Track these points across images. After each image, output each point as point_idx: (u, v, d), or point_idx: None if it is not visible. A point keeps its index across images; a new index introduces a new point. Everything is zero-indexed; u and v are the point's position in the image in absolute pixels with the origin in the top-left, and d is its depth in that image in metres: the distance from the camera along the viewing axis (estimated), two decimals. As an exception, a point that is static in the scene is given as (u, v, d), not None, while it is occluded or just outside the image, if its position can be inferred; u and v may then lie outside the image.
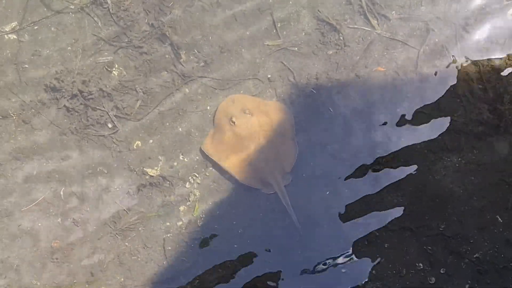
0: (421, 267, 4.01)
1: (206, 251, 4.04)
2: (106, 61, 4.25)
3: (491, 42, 4.33)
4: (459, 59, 4.31)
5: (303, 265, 4.01)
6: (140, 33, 4.26)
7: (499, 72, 4.28)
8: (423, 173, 4.14)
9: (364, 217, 4.08)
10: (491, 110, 4.21)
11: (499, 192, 4.11)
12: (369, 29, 4.34)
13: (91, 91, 4.16)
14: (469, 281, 3.98)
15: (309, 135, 4.18)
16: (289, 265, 4.01)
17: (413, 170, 4.15)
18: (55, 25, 4.28)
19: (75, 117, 4.17)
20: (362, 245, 4.04)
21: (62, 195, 4.10)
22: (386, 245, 4.04)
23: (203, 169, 4.15)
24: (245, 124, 4.04)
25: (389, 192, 4.12)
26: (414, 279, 4.00)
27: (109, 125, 4.18)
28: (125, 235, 4.06)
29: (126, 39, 4.27)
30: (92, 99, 4.17)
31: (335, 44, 4.30)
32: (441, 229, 4.05)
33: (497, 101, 4.22)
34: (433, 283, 3.96)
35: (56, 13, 4.28)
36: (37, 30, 4.27)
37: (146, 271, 4.03)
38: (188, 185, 4.12)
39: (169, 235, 4.07)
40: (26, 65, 4.22)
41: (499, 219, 4.07)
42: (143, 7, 4.29)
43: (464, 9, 4.37)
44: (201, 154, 4.17)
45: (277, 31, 4.33)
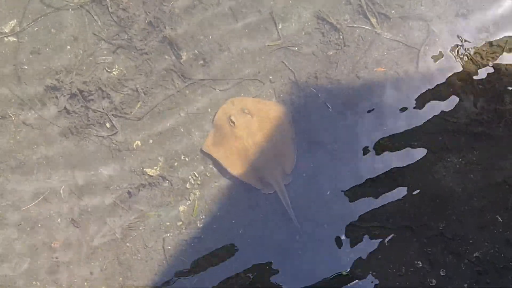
0: (420, 265, 4.01)
1: (206, 251, 4.04)
2: (106, 61, 4.24)
3: (491, 42, 4.33)
4: (459, 59, 4.31)
5: (304, 265, 4.01)
6: (140, 32, 4.25)
7: (499, 72, 4.28)
8: (423, 173, 4.14)
9: (364, 217, 4.08)
10: (491, 110, 4.21)
11: (499, 192, 4.12)
12: (369, 28, 4.33)
13: (90, 91, 4.15)
14: (468, 281, 3.99)
15: (309, 135, 4.18)
16: (289, 265, 4.01)
17: (413, 170, 4.15)
18: (55, 24, 4.27)
19: (75, 117, 4.17)
20: (362, 245, 4.04)
21: (62, 195, 4.10)
22: (386, 245, 4.05)
23: (203, 169, 4.15)
24: (245, 124, 4.04)
25: (389, 192, 4.12)
26: (414, 279, 4.00)
27: (109, 125, 4.18)
28: (125, 235, 4.06)
29: (126, 38, 4.26)
30: (92, 99, 4.17)
31: (335, 44, 4.30)
32: (441, 229, 4.06)
33: (497, 101, 4.23)
34: (433, 285, 3.97)
35: (55, 11, 4.26)
36: (36, 30, 4.26)
37: (146, 271, 4.03)
38: (188, 185, 4.12)
39: (169, 235, 4.07)
40: (25, 65, 4.21)
41: (499, 219, 4.08)
42: (143, 7, 4.28)
43: (464, 9, 4.37)
44: (202, 154, 4.17)
45: (277, 31, 4.33)
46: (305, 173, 4.14)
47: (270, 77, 4.28)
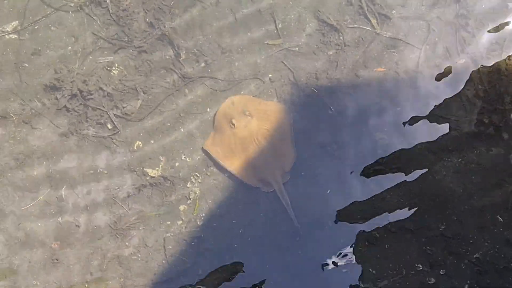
0: (420, 268, 4.01)
1: (206, 250, 4.04)
2: (106, 60, 4.25)
3: (491, 42, 4.33)
4: (460, 59, 4.31)
5: (304, 265, 4.01)
6: (140, 32, 4.26)
7: (499, 72, 4.28)
8: (423, 173, 4.14)
9: (364, 217, 4.08)
10: (491, 110, 4.21)
11: (499, 192, 4.12)
12: (369, 28, 4.34)
13: (91, 90, 4.16)
14: (468, 281, 3.99)
15: (309, 135, 4.18)
16: (289, 265, 4.01)
17: (413, 170, 4.15)
18: (55, 24, 4.28)
19: (75, 117, 4.17)
20: (362, 245, 4.04)
21: (62, 195, 4.10)
22: (386, 246, 4.05)
23: (204, 169, 4.15)
24: (245, 125, 4.04)
25: (389, 192, 4.12)
26: (413, 279, 4.00)
27: (109, 126, 4.18)
28: (126, 234, 4.06)
29: (126, 38, 4.26)
30: (92, 99, 4.17)
31: (335, 44, 4.30)
32: (441, 229, 4.06)
33: (497, 102, 4.23)
34: (433, 283, 3.97)
35: (56, 11, 4.27)
36: (37, 29, 4.26)
37: (146, 271, 4.03)
38: (189, 185, 4.12)
39: (169, 235, 4.07)
40: (26, 64, 4.22)
41: (499, 219, 4.08)
42: (142, 7, 4.28)
43: (464, 8, 4.37)
44: (202, 154, 4.17)
45: (277, 31, 4.33)
46: (305, 173, 4.14)
47: (270, 76, 4.28)
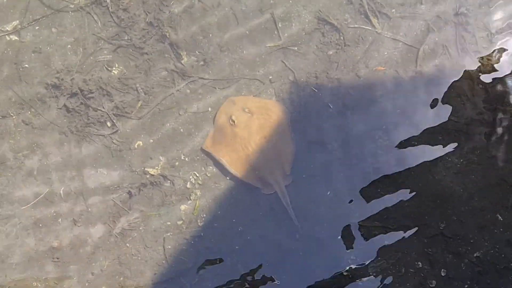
0: (420, 266, 4.01)
1: (206, 250, 4.04)
2: (106, 60, 4.25)
3: (491, 41, 4.33)
4: (459, 59, 4.30)
5: (304, 265, 4.01)
6: (140, 32, 4.26)
7: (499, 71, 4.27)
8: (423, 173, 4.14)
9: (364, 217, 4.08)
10: (491, 110, 4.21)
11: (500, 192, 4.11)
12: (370, 28, 4.33)
13: (91, 89, 4.16)
14: (468, 281, 3.99)
15: (309, 135, 4.18)
16: (289, 265, 4.01)
17: (413, 170, 4.14)
18: (56, 24, 4.27)
19: (75, 116, 4.17)
20: (362, 245, 4.04)
21: (62, 194, 4.10)
22: (386, 245, 4.04)
23: (204, 169, 4.15)
24: (245, 123, 4.04)
25: (389, 192, 4.12)
26: (413, 279, 4.00)
27: (109, 125, 4.18)
28: (126, 234, 4.06)
29: (126, 38, 4.26)
30: (92, 98, 4.17)
31: (335, 43, 4.30)
32: (441, 229, 4.06)
33: (497, 101, 4.22)
34: (433, 286, 3.97)
35: (56, 12, 4.27)
36: (37, 29, 4.26)
37: (146, 271, 4.03)
38: (189, 185, 4.12)
39: (169, 235, 4.07)
40: (26, 64, 4.22)
41: (500, 219, 4.07)
42: (143, 7, 4.28)
43: (464, 8, 4.36)
44: (202, 153, 4.17)
45: (277, 30, 4.33)
46: (305, 173, 4.14)
47: (270, 77, 4.28)
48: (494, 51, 4.31)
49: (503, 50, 4.32)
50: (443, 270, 4.00)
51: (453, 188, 4.12)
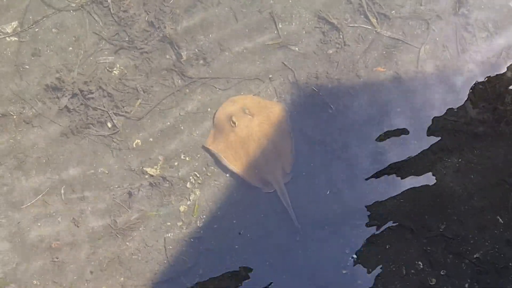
0: (421, 266, 4.01)
1: (206, 250, 4.03)
2: (106, 60, 4.25)
3: (491, 41, 4.33)
4: (459, 58, 4.31)
5: (304, 265, 4.01)
6: (140, 32, 4.26)
7: (499, 71, 4.28)
8: (423, 173, 4.14)
9: (364, 217, 4.08)
10: (491, 110, 4.21)
11: (499, 192, 4.11)
12: (370, 28, 4.34)
13: (91, 90, 4.16)
14: (469, 281, 3.98)
15: (309, 134, 4.18)
16: (289, 265, 4.01)
17: (413, 170, 4.15)
18: (56, 25, 4.28)
19: (76, 116, 4.17)
20: (362, 245, 4.04)
21: (62, 194, 4.10)
22: (386, 245, 4.04)
23: (204, 169, 4.15)
24: (245, 124, 4.04)
25: (389, 191, 4.12)
26: (414, 279, 4.00)
27: (109, 125, 4.18)
28: (126, 234, 4.06)
29: (127, 38, 4.27)
30: (92, 98, 4.17)
31: (335, 43, 4.31)
32: (441, 229, 4.05)
33: (497, 101, 4.23)
34: (433, 284, 3.97)
35: (56, 12, 4.28)
36: (38, 30, 4.27)
37: (146, 271, 4.03)
38: (189, 185, 4.12)
39: (169, 235, 4.07)
40: (26, 65, 4.22)
41: (500, 219, 4.07)
42: (143, 7, 4.29)
43: (464, 8, 4.37)
44: (202, 153, 4.17)
45: (277, 30, 4.34)
46: (305, 172, 4.14)
47: (270, 76, 4.28)
48: (494, 50, 4.32)
49: (503, 49, 4.33)
50: (442, 270, 4.00)
51: (453, 188, 4.12)
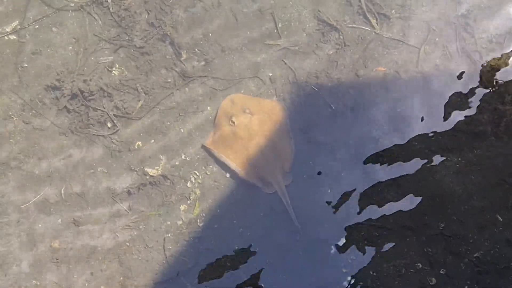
0: (420, 266, 4.01)
1: (206, 250, 4.04)
2: (106, 60, 4.25)
3: (490, 41, 4.34)
4: (459, 59, 4.31)
5: (304, 265, 4.01)
6: (141, 32, 4.26)
7: (499, 71, 4.29)
8: (423, 173, 4.15)
9: (364, 217, 4.08)
10: (491, 110, 4.22)
11: (499, 192, 4.12)
12: (369, 28, 4.34)
13: (91, 90, 4.16)
14: (468, 281, 3.99)
15: (309, 134, 4.18)
16: (289, 265, 4.01)
17: (413, 170, 4.15)
18: (56, 25, 4.28)
19: (76, 117, 4.17)
20: (362, 245, 4.04)
21: (62, 194, 4.09)
22: (386, 245, 4.05)
23: (204, 168, 4.16)
24: (245, 124, 4.05)
25: (389, 191, 4.12)
26: (413, 279, 4.00)
27: (109, 125, 4.18)
28: (126, 234, 4.06)
29: (127, 38, 4.27)
30: (92, 99, 4.17)
31: (335, 43, 4.31)
32: (441, 229, 4.06)
33: (497, 101, 4.23)
34: (434, 284, 3.97)
35: (56, 11, 4.27)
36: (37, 30, 4.27)
37: (146, 271, 4.03)
38: (189, 184, 4.12)
39: (169, 235, 4.07)
40: (26, 64, 4.22)
41: (499, 218, 4.08)
42: (144, 6, 4.29)
43: (464, 9, 4.38)
44: (202, 153, 4.17)
45: (277, 30, 4.34)
46: (305, 173, 4.14)
47: (270, 76, 4.28)
48: (493, 51, 4.33)
49: (502, 49, 4.33)
50: (442, 269, 4.00)
51: (453, 188, 4.12)
